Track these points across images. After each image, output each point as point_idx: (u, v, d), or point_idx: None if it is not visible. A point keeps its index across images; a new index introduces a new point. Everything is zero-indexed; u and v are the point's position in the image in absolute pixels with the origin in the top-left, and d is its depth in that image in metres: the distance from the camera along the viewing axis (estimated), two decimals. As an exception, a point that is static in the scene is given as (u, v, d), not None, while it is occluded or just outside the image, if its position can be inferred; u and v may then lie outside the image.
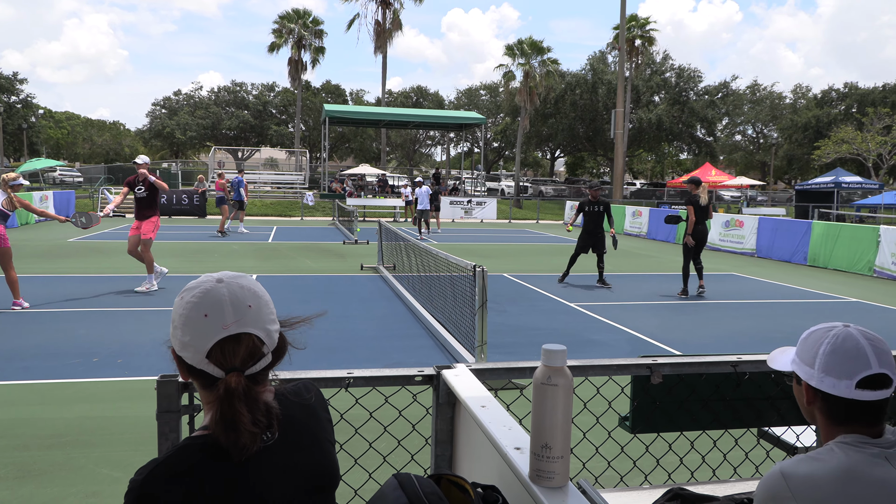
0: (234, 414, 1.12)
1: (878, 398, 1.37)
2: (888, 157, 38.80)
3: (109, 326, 7.30)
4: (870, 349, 1.39)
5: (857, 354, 1.39)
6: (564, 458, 1.32)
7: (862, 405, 1.38)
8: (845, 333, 1.42)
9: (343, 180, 35.78)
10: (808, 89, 58.19)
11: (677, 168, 65.54)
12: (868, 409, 1.39)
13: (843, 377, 1.39)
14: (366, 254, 15.00)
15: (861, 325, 1.44)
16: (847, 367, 1.39)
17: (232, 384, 1.13)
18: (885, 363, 1.38)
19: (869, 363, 1.38)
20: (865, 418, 1.39)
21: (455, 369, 1.99)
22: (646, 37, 42.52)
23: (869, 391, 1.37)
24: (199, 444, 1.15)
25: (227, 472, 1.14)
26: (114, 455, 4.02)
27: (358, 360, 6.23)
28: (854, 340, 1.40)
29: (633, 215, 23.76)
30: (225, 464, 1.14)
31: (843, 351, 1.40)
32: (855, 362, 1.38)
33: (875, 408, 1.39)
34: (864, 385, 1.37)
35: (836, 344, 1.42)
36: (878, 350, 1.39)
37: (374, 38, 42.62)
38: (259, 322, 1.21)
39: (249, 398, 1.14)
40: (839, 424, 1.42)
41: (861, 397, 1.37)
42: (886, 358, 1.39)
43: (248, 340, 1.19)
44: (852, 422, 1.40)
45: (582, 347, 6.93)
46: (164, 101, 60.60)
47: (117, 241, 16.50)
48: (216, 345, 1.17)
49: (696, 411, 2.34)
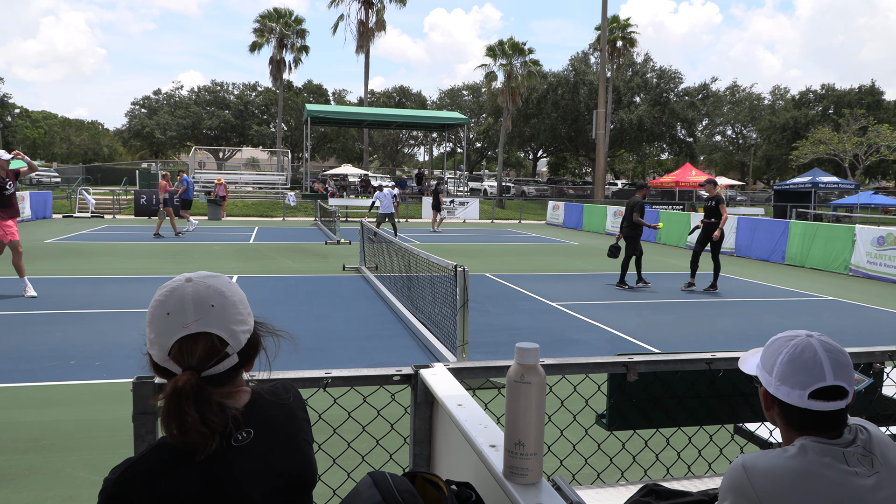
0: (179, 413, 1.12)
1: (832, 409, 1.40)
2: (864, 157, 39.41)
3: (87, 328, 7.22)
4: (827, 361, 1.41)
5: (813, 366, 1.41)
6: (538, 454, 1.34)
7: (817, 414, 1.41)
8: (805, 344, 1.44)
9: (325, 180, 35.67)
10: (786, 91, 58.99)
11: (658, 168, 66.06)
12: (823, 418, 1.41)
13: (796, 387, 1.42)
14: (348, 254, 14.97)
15: (838, 323, 1.48)
16: (801, 377, 1.42)
17: (179, 383, 1.14)
18: (841, 376, 1.40)
19: (824, 375, 1.40)
20: (822, 426, 1.41)
21: (433, 369, 2.00)
22: (627, 38, 42.83)
23: (822, 402, 1.40)
24: (173, 445, 1.15)
25: (199, 471, 1.14)
26: (91, 458, 3.99)
27: (339, 360, 6.22)
28: (812, 351, 1.42)
29: (614, 215, 23.92)
30: (197, 463, 1.14)
31: (800, 361, 1.42)
32: (810, 373, 1.41)
33: (831, 417, 1.41)
34: (818, 396, 1.40)
35: (794, 354, 1.44)
36: (836, 362, 1.41)
37: (356, 37, 42.53)
38: (222, 322, 1.21)
39: (200, 398, 1.14)
40: (796, 430, 1.45)
41: (814, 407, 1.40)
42: (844, 371, 1.41)
43: (207, 340, 1.20)
44: (808, 429, 1.43)
45: (563, 346, 6.97)
46: (143, 100, 60.03)
47: (95, 242, 16.32)
48: (175, 343, 1.19)
49: (671, 408, 2.38)
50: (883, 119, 45.74)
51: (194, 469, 1.14)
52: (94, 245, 15.55)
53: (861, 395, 2.59)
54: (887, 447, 1.41)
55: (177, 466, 1.14)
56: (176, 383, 1.15)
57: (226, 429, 1.17)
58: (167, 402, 1.14)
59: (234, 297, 1.26)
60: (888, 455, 1.39)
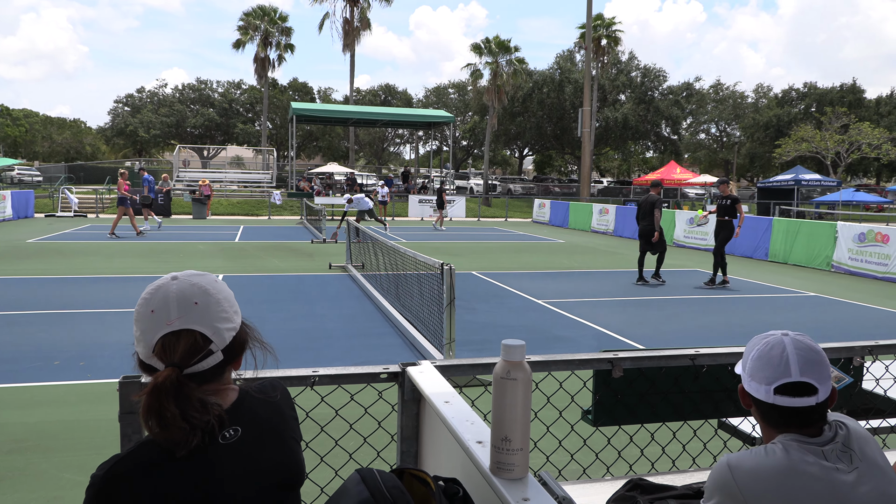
0: (159, 408, 1.13)
1: (798, 405, 1.43)
2: (845, 155, 39.87)
3: (71, 328, 7.16)
4: (794, 358, 1.44)
5: (780, 362, 1.45)
6: (524, 450, 1.35)
7: (786, 410, 1.44)
8: (775, 341, 1.48)
9: (311, 179, 35.54)
10: (769, 89, 59.48)
11: (643, 166, 66.41)
12: (794, 414, 1.44)
13: (763, 382, 1.46)
14: (334, 253, 14.93)
15: (820, 319, 1.52)
16: (767, 373, 1.46)
17: (159, 379, 1.15)
18: (808, 373, 1.43)
19: (789, 371, 1.43)
20: (794, 423, 1.44)
21: (420, 366, 2.01)
22: (611, 36, 43.01)
23: (787, 398, 1.43)
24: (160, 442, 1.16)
25: (186, 469, 1.15)
26: (77, 459, 3.96)
27: (326, 358, 6.21)
28: (780, 348, 1.46)
29: (600, 213, 24.03)
30: (184, 461, 1.15)
31: (768, 358, 1.47)
32: (775, 369, 1.45)
33: (802, 413, 1.43)
34: (783, 392, 1.43)
35: (763, 351, 1.49)
36: (804, 359, 1.44)
37: (342, 36, 42.39)
38: (205, 319, 1.22)
39: (180, 394, 1.15)
40: (773, 427, 1.48)
41: (780, 403, 1.43)
42: (814, 368, 1.43)
43: (189, 337, 1.21)
44: (782, 426, 1.46)
45: (549, 343, 7.00)
46: (126, 98, 59.38)
47: (78, 241, 16.17)
48: (159, 340, 1.20)
49: (656, 404, 2.41)
50: (864, 117, 46.28)
51: (181, 466, 1.15)
52: (77, 245, 15.40)
53: (842, 389, 2.64)
54: (866, 442, 1.44)
55: (164, 463, 1.14)
56: (156, 379, 1.15)
57: (208, 425, 1.17)
58: (147, 397, 1.14)
59: (219, 295, 1.27)
60: (867, 450, 1.42)
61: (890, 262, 12.65)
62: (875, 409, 2.81)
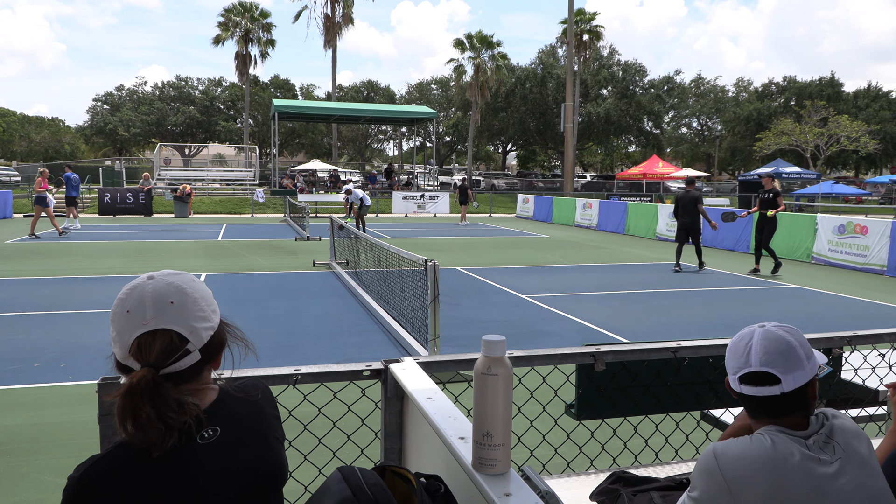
0: (134, 409, 1.12)
1: (760, 394, 1.46)
2: (825, 148, 40.33)
3: (50, 330, 7.07)
4: (757, 348, 1.47)
5: (743, 352, 1.49)
6: (505, 445, 1.36)
7: (754, 399, 1.48)
8: (746, 332, 1.52)
9: (294, 176, 35.35)
10: (749, 83, 60.03)
11: (626, 160, 66.77)
12: (763, 403, 1.47)
13: (730, 372, 1.52)
14: (318, 250, 14.87)
15: (801, 310, 1.54)
16: (733, 363, 1.51)
17: (134, 380, 1.14)
18: (769, 363, 1.45)
19: (749, 361, 1.47)
20: (766, 411, 1.47)
21: (402, 363, 2.01)
22: (593, 31, 43.12)
23: (750, 387, 1.47)
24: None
25: (164, 469, 1.14)
26: (58, 462, 3.92)
27: (310, 356, 6.19)
28: (748, 339, 1.50)
29: (583, 207, 24.13)
30: (162, 462, 1.14)
31: (735, 349, 1.52)
32: (738, 359, 1.50)
33: (770, 403, 1.46)
34: (746, 381, 1.48)
35: (734, 342, 1.53)
36: (767, 350, 1.46)
37: (323, 32, 42.15)
38: (181, 319, 1.21)
39: (156, 394, 1.14)
40: (753, 417, 1.51)
41: (745, 391, 1.48)
42: (776, 358, 1.45)
43: (165, 337, 1.19)
44: (760, 415, 1.49)
45: (533, 338, 7.03)
46: (105, 96, 58.61)
47: (57, 242, 15.97)
48: (135, 340, 1.19)
49: (638, 397, 2.42)
50: (842, 110, 46.87)
51: (159, 467, 1.14)
52: (56, 245, 15.21)
53: (820, 380, 2.67)
54: (849, 434, 1.45)
55: (141, 464, 1.13)
56: (131, 380, 1.14)
57: (185, 426, 1.16)
58: (122, 398, 1.13)
59: (196, 295, 1.26)
60: (852, 443, 1.43)
61: (869, 254, 12.82)
62: (853, 398, 2.85)
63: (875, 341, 2.67)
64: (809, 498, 1.34)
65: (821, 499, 1.34)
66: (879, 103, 52.56)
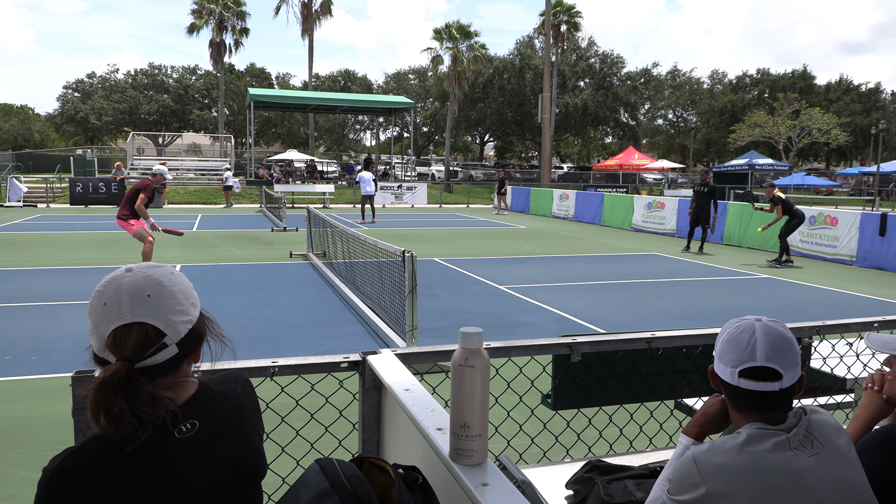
0: (106, 403, 1.12)
1: (761, 389, 1.45)
2: (797, 140, 40.95)
3: (21, 322, 6.95)
4: (762, 343, 1.46)
5: (747, 346, 1.47)
6: (482, 436, 1.37)
7: (750, 394, 1.47)
8: (746, 325, 1.50)
9: (270, 166, 35.04)
10: (724, 75, 60.67)
11: (603, 152, 67.18)
12: (756, 398, 1.46)
13: (729, 364, 1.49)
14: (295, 241, 14.78)
15: (773, 300, 1.55)
16: (733, 355, 1.49)
17: (107, 373, 1.13)
18: (774, 359, 1.45)
19: (754, 356, 1.46)
20: (758, 407, 1.47)
21: (380, 355, 2.01)
22: (571, 23, 43.18)
23: (751, 381, 1.46)
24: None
25: (140, 462, 1.14)
26: (30, 456, 3.87)
27: (287, 348, 6.17)
28: (749, 332, 1.48)
29: (560, 198, 24.25)
30: (139, 455, 1.14)
31: (736, 341, 1.49)
32: (742, 353, 1.47)
33: (766, 398, 1.46)
34: (747, 375, 1.46)
35: (734, 334, 1.51)
36: (772, 346, 1.46)
37: (300, 20, 41.71)
38: (158, 312, 1.21)
39: (129, 388, 1.13)
40: (736, 409, 1.51)
41: (743, 386, 1.46)
42: (780, 354, 1.46)
43: (141, 330, 1.19)
44: (747, 408, 1.48)
45: (511, 329, 7.07)
46: (76, 83, 57.46)
47: (28, 232, 15.67)
48: (111, 333, 1.18)
49: (613, 386, 2.46)
50: (815, 103, 47.58)
51: (135, 460, 1.13)
52: (27, 235, 14.93)
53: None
54: (827, 427, 1.47)
55: (117, 457, 1.13)
56: (105, 374, 1.14)
57: (159, 420, 1.16)
58: (94, 392, 1.13)
59: (174, 288, 1.25)
60: (831, 437, 1.45)
61: (839, 244, 13.07)
62: (822, 387, 2.92)
63: (843, 331, 2.73)
64: (790, 494, 1.35)
65: (800, 493, 1.35)
66: (850, 96, 53.51)
